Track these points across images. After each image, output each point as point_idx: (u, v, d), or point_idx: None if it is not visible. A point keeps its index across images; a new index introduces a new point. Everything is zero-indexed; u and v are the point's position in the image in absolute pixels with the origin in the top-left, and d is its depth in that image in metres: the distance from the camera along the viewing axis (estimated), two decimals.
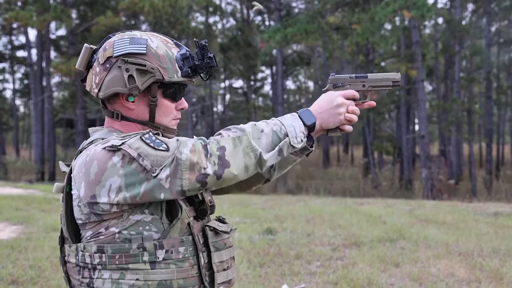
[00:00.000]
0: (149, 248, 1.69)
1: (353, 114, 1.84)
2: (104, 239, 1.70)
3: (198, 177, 1.61)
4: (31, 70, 26.33)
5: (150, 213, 1.70)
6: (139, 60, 1.75)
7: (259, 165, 1.68)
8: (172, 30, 24.58)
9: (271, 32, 20.69)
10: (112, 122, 1.84)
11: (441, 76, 25.94)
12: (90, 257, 1.71)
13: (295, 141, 1.72)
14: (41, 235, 7.81)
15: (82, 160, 1.71)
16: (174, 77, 1.78)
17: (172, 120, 1.86)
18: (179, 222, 1.75)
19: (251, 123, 1.72)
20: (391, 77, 1.91)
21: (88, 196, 1.67)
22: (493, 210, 11.14)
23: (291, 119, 1.76)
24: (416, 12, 17.49)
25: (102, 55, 1.78)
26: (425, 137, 19.30)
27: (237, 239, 7.50)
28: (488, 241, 7.57)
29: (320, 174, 25.64)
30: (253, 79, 33.57)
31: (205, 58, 1.81)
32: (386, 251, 6.90)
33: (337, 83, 1.88)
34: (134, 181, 1.62)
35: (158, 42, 1.79)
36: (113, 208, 1.66)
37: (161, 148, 1.63)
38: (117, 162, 1.63)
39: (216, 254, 1.80)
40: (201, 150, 1.62)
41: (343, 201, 13.86)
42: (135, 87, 1.74)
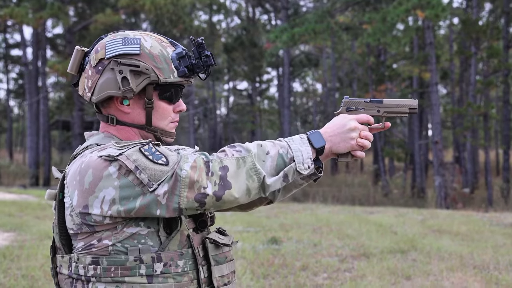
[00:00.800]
0: (146, 261, 1.66)
1: (366, 140, 1.80)
2: (97, 251, 1.67)
3: (197, 196, 1.60)
4: (26, 69, 26.08)
5: (146, 226, 1.67)
6: (132, 61, 1.73)
7: (262, 189, 1.66)
8: (174, 29, 24.54)
9: (278, 32, 21.04)
10: (107, 126, 1.81)
11: (456, 79, 25.50)
12: (84, 268, 1.67)
13: (301, 167, 1.69)
14: (34, 243, 7.78)
15: (76, 167, 1.69)
16: (170, 78, 1.76)
17: (170, 123, 1.83)
18: (178, 234, 1.72)
19: (256, 143, 1.70)
20: (408, 103, 1.89)
21: (81, 206, 1.65)
22: (510, 221, 11.18)
23: (299, 142, 1.73)
24: (430, 11, 17.78)
25: (94, 57, 1.76)
26: (439, 143, 19.10)
27: (240, 248, 7.46)
28: (504, 253, 7.49)
29: (328, 181, 25.26)
30: (258, 81, 33.13)
31: (202, 57, 1.78)
32: (396, 263, 6.84)
33: (351, 107, 1.87)
34: (129, 195, 1.61)
35: (152, 42, 1.77)
36: (106, 220, 1.64)
37: (160, 161, 1.61)
38: (113, 173, 1.61)
39: (217, 268, 1.77)
40: (202, 168, 1.60)
41: (352, 209, 13.96)
42: (130, 90, 1.72)
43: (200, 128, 42.04)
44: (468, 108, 21.56)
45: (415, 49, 24.37)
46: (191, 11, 27.55)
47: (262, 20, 34.39)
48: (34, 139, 24.94)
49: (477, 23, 22.13)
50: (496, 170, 31.17)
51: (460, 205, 18.86)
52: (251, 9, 33.44)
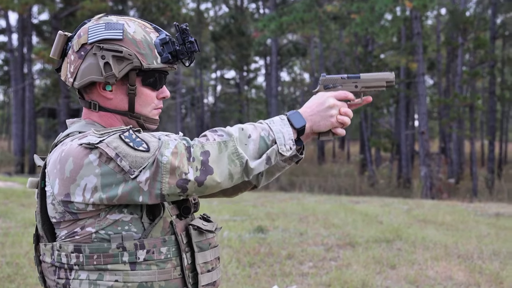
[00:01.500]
0: (129, 248, 1.65)
1: (345, 116, 1.80)
2: (80, 239, 1.66)
3: (178, 182, 1.59)
4: (12, 56, 25.76)
5: (129, 212, 1.67)
6: (115, 46, 1.71)
7: (245, 173, 1.65)
8: (161, 17, 24.44)
9: (266, 21, 20.92)
10: (90, 113, 1.80)
11: (442, 69, 25.60)
12: (67, 256, 1.67)
13: (283, 149, 1.69)
14: (19, 230, 7.68)
15: (57, 155, 1.68)
16: (154, 64, 1.74)
17: (153, 109, 1.81)
18: (161, 221, 1.70)
19: (238, 126, 1.68)
20: (385, 77, 1.88)
21: (62, 194, 1.64)
22: (494, 211, 11.15)
23: (280, 124, 1.72)
24: (418, 1, 17.86)
25: (77, 42, 1.74)
26: (425, 133, 19.14)
27: (226, 237, 7.42)
28: (488, 243, 7.54)
29: (315, 171, 25.32)
30: (246, 70, 33.00)
31: (186, 43, 1.77)
32: (382, 252, 6.85)
33: (328, 84, 1.86)
34: (111, 182, 1.60)
35: (136, 27, 1.75)
36: (89, 207, 1.64)
37: (141, 148, 1.60)
38: (93, 161, 1.60)
39: (200, 254, 1.77)
40: (183, 153, 1.60)
41: (338, 199, 13.89)
42: (112, 75, 1.70)
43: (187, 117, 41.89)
44: (455, 99, 21.66)
45: (402, 40, 24.40)
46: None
47: (250, 9, 34.20)
48: (20, 126, 24.73)
49: (464, 14, 22.22)
50: (481, 161, 31.39)
51: (445, 195, 18.96)
52: None
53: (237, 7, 33.10)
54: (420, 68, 19.10)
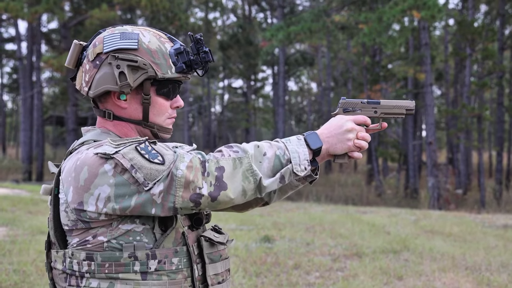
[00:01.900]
0: (141, 258, 1.66)
1: (363, 141, 1.80)
2: (91, 247, 1.67)
3: (192, 196, 1.60)
4: (21, 64, 25.91)
5: (141, 222, 1.67)
6: (130, 56, 1.72)
7: (258, 190, 1.66)
8: (170, 26, 24.52)
9: (274, 30, 20.98)
10: (104, 122, 1.81)
11: (450, 80, 25.51)
12: (78, 264, 1.67)
13: (298, 169, 1.69)
14: (26, 238, 7.71)
15: (72, 163, 1.68)
16: (168, 73, 1.75)
17: (167, 119, 1.82)
18: (173, 231, 1.71)
19: (254, 144, 1.70)
20: (405, 105, 1.89)
21: (76, 203, 1.64)
22: (502, 222, 11.17)
23: (296, 143, 1.73)
24: (426, 12, 17.80)
25: (92, 51, 1.75)
26: (433, 144, 19.11)
27: (232, 246, 7.44)
28: (496, 255, 7.51)
29: (322, 180, 25.24)
30: (253, 79, 33.03)
31: (201, 53, 1.77)
32: (389, 263, 6.83)
33: (348, 108, 1.87)
34: (124, 193, 1.61)
35: (151, 37, 1.76)
36: (101, 217, 1.64)
37: (156, 160, 1.60)
38: (108, 171, 1.61)
39: (211, 266, 1.77)
40: (198, 168, 1.60)
41: (345, 209, 13.93)
42: (127, 84, 1.71)
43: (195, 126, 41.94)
44: (462, 109, 21.58)
45: (410, 50, 24.37)
46: (187, 8, 27.48)
47: (258, 18, 34.25)
48: (28, 134, 24.79)
49: (472, 24, 22.15)
50: (489, 172, 31.22)
51: (452, 206, 18.88)
52: (247, 7, 33.36)
53: (245, 16, 33.19)
54: (428, 78, 19.08)
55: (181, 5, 24.35)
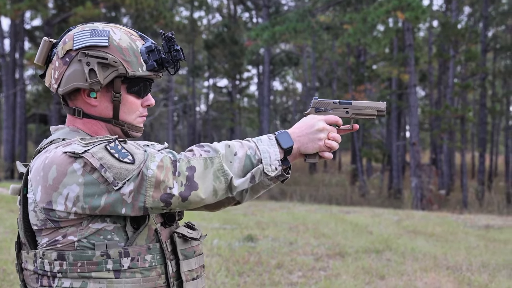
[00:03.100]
0: (113, 256, 1.64)
1: (334, 141, 1.81)
2: (62, 247, 1.65)
3: (162, 196, 1.58)
4: (3, 61, 25.59)
5: (112, 221, 1.65)
6: (100, 53, 1.70)
7: (229, 190, 1.66)
8: (155, 24, 24.42)
9: (259, 30, 20.95)
10: (74, 120, 1.79)
11: (434, 81, 25.68)
12: (50, 264, 1.65)
13: (268, 169, 1.70)
14: (7, 236, 7.67)
15: (40, 162, 1.66)
16: (139, 71, 1.73)
17: (137, 117, 1.80)
18: (146, 228, 1.70)
19: (225, 143, 1.69)
20: (377, 106, 1.90)
21: (44, 202, 1.62)
22: (484, 223, 11.31)
23: (267, 143, 1.73)
24: (410, 13, 17.87)
25: (62, 48, 1.73)
26: (416, 144, 19.21)
27: (215, 245, 7.44)
28: (477, 255, 7.57)
29: (306, 180, 25.29)
30: (238, 79, 32.97)
31: (172, 51, 1.76)
32: (371, 263, 6.85)
33: (320, 107, 1.88)
34: (93, 192, 1.59)
35: (121, 34, 1.75)
36: (71, 216, 1.62)
37: (126, 160, 1.59)
38: (77, 170, 1.59)
39: (185, 262, 1.76)
40: (169, 167, 1.59)
41: (329, 209, 13.93)
42: (97, 82, 1.69)
43: (179, 125, 41.79)
44: (446, 110, 21.73)
45: (394, 51, 24.46)
46: (172, 7, 27.38)
47: (243, 18, 34.22)
48: (10, 132, 24.53)
49: (456, 26, 22.33)
50: (472, 173, 31.41)
51: (435, 206, 18.99)
52: (232, 7, 33.30)
53: (230, 16, 33.14)
54: (411, 79, 19.14)
55: (166, 3, 24.24)
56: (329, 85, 31.75)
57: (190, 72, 30.05)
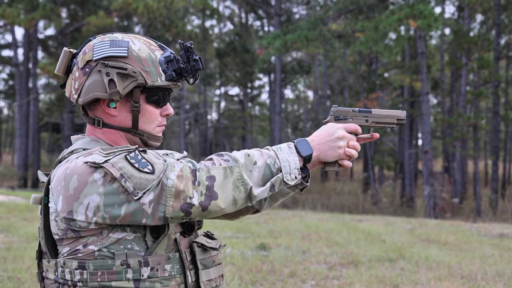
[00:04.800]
0: (133, 265, 1.65)
1: (353, 149, 1.80)
2: (83, 256, 1.66)
3: (182, 206, 1.59)
4: (17, 70, 25.85)
5: (132, 231, 1.66)
6: (120, 64, 1.71)
7: (249, 199, 1.66)
8: (167, 33, 24.53)
9: (270, 38, 20.93)
10: (94, 129, 1.80)
11: (446, 89, 25.53)
12: (71, 273, 1.66)
13: (288, 178, 1.69)
14: (21, 245, 7.69)
15: (61, 172, 1.67)
16: (158, 81, 1.74)
17: (156, 127, 1.81)
18: (165, 238, 1.71)
19: (244, 152, 1.69)
20: (396, 114, 1.90)
21: (65, 212, 1.63)
22: (498, 231, 11.13)
23: (287, 152, 1.72)
24: (422, 21, 17.79)
25: (82, 59, 1.75)
26: (429, 152, 19.12)
27: (228, 254, 7.43)
28: (492, 264, 7.48)
29: (318, 188, 25.18)
30: (250, 87, 33.03)
31: (191, 61, 1.77)
32: (384, 272, 6.81)
33: (339, 116, 1.87)
34: (113, 202, 1.60)
35: (141, 45, 1.76)
36: (91, 226, 1.63)
37: (146, 170, 1.60)
38: (98, 179, 1.60)
39: (204, 272, 1.77)
40: (188, 177, 1.60)
41: (341, 217, 13.87)
42: (116, 92, 1.70)
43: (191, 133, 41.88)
44: (458, 118, 21.59)
45: (406, 59, 24.37)
46: (184, 16, 27.48)
47: (254, 26, 34.29)
48: (24, 140, 24.78)
49: (468, 34, 22.22)
50: (485, 181, 31.18)
51: (448, 215, 18.85)
52: (244, 15, 33.42)
53: (241, 24, 33.23)
54: (424, 87, 19.09)
55: (178, 12, 24.37)
56: (340, 93, 31.70)
57: (202, 81, 30.14)
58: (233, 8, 34.49)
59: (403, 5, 18.82)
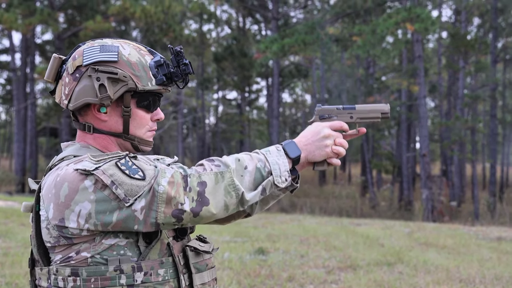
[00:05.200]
0: (126, 271, 1.65)
1: (340, 147, 1.81)
2: (75, 264, 1.65)
3: (174, 212, 1.59)
4: (14, 75, 25.84)
5: (124, 237, 1.66)
6: (110, 68, 1.71)
7: (241, 204, 1.66)
8: (164, 38, 24.50)
9: (268, 42, 20.94)
10: (84, 135, 1.80)
11: (444, 92, 25.59)
12: (64, 280, 1.66)
13: (279, 180, 1.70)
14: (19, 250, 7.67)
15: (52, 179, 1.67)
16: (148, 86, 1.75)
17: (147, 131, 1.82)
18: (158, 243, 1.71)
19: (234, 157, 1.69)
20: (380, 108, 1.90)
21: (57, 219, 1.63)
22: (496, 235, 11.15)
23: (276, 154, 1.73)
24: (419, 25, 17.80)
25: (72, 64, 1.74)
26: (426, 156, 19.20)
27: (226, 258, 7.40)
28: (490, 267, 7.48)
29: (316, 192, 25.19)
30: (247, 91, 33.02)
31: (181, 65, 1.77)
32: (383, 276, 6.78)
33: (324, 115, 1.89)
34: (105, 209, 1.60)
35: (131, 49, 1.76)
36: (83, 233, 1.63)
37: (137, 176, 1.60)
38: (88, 187, 1.60)
39: (198, 275, 1.77)
40: (180, 183, 1.60)
41: (339, 221, 13.87)
42: (107, 97, 1.70)
43: (189, 137, 41.87)
44: (456, 121, 21.65)
45: (404, 62, 24.46)
46: (181, 20, 27.52)
47: (252, 30, 34.30)
48: (21, 145, 24.71)
49: (465, 37, 22.30)
50: (483, 184, 31.25)
51: (447, 218, 18.87)
52: (241, 19, 33.44)
53: (239, 28, 33.26)
54: (421, 90, 19.14)
55: (176, 17, 24.38)
56: (338, 97, 31.70)
57: (199, 85, 30.15)
58: (231, 12, 34.51)
59: (400, 8, 18.89)
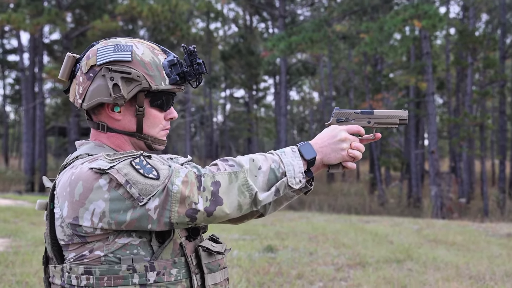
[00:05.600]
0: (139, 270, 1.66)
1: (357, 151, 1.80)
2: (88, 262, 1.66)
3: (188, 211, 1.60)
4: (23, 75, 25.92)
5: (138, 236, 1.67)
6: (124, 68, 1.72)
7: (254, 204, 1.66)
8: (171, 36, 24.55)
9: (275, 40, 20.94)
10: (98, 134, 1.81)
11: (452, 89, 25.47)
12: (77, 278, 1.67)
13: (293, 182, 1.70)
14: (29, 249, 7.72)
15: (67, 178, 1.68)
16: (162, 85, 1.75)
17: (161, 130, 1.82)
18: (171, 242, 1.72)
19: (249, 157, 1.70)
20: (399, 114, 1.89)
21: (71, 217, 1.64)
22: (506, 231, 11.11)
23: (291, 156, 1.73)
24: (427, 21, 17.74)
25: (86, 63, 1.75)
26: (435, 152, 19.14)
27: (235, 256, 7.42)
28: (500, 264, 7.44)
29: (324, 190, 25.16)
30: (255, 89, 33.02)
31: (194, 64, 1.78)
32: (392, 273, 6.79)
33: (341, 118, 1.88)
34: (119, 208, 1.61)
35: (144, 49, 1.77)
36: (97, 231, 1.64)
37: (151, 175, 1.61)
38: (103, 186, 1.61)
39: (210, 276, 1.77)
40: (193, 182, 1.61)
41: (348, 218, 13.88)
42: (121, 96, 1.71)
43: (197, 136, 41.95)
44: (465, 118, 21.54)
45: (412, 59, 24.36)
46: (188, 19, 27.52)
47: (259, 28, 34.28)
48: (30, 145, 24.80)
49: (473, 33, 22.18)
50: (492, 181, 31.09)
51: (456, 215, 18.78)
52: (248, 17, 33.43)
53: (246, 26, 33.24)
54: (429, 87, 19.07)
55: (183, 15, 24.38)
56: (346, 94, 31.68)
57: (207, 83, 30.19)
58: (238, 10, 34.52)
59: (407, 5, 18.82)
